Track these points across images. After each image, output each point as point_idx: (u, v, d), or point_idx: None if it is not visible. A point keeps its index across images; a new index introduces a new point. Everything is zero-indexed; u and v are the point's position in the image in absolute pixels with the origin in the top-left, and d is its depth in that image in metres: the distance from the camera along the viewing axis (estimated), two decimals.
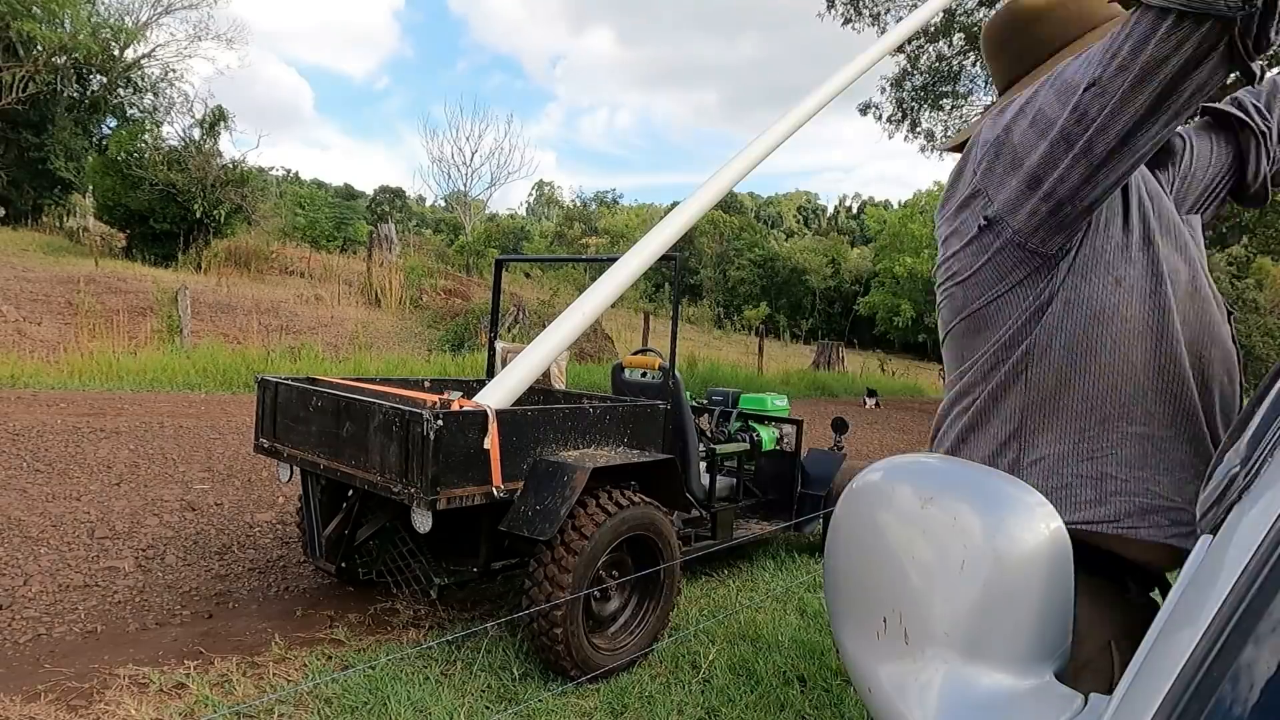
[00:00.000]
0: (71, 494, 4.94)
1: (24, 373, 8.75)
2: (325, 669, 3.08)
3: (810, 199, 60.76)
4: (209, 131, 18.44)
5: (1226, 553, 0.51)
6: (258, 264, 18.21)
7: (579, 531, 3.04)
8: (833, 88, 3.94)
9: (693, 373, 14.37)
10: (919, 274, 29.43)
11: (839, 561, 0.77)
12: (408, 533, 3.36)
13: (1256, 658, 0.43)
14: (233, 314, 13.35)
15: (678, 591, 3.53)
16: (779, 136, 3.91)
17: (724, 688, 3.15)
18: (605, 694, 3.04)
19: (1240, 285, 29.47)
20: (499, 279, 4.78)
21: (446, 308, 16.50)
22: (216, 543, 4.40)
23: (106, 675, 2.92)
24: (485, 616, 3.69)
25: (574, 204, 45.85)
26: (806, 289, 37.06)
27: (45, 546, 4.08)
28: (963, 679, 0.64)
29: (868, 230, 43.10)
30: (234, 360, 10.34)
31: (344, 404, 3.24)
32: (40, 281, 12.96)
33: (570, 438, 3.33)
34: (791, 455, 5.03)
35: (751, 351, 19.12)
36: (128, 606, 3.54)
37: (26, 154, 20.54)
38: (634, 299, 23.55)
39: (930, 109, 17.79)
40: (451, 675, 3.07)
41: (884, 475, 0.75)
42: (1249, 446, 0.60)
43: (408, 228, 39.08)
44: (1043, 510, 0.67)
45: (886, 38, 4.14)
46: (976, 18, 16.07)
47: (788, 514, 4.95)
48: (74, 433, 6.32)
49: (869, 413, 13.86)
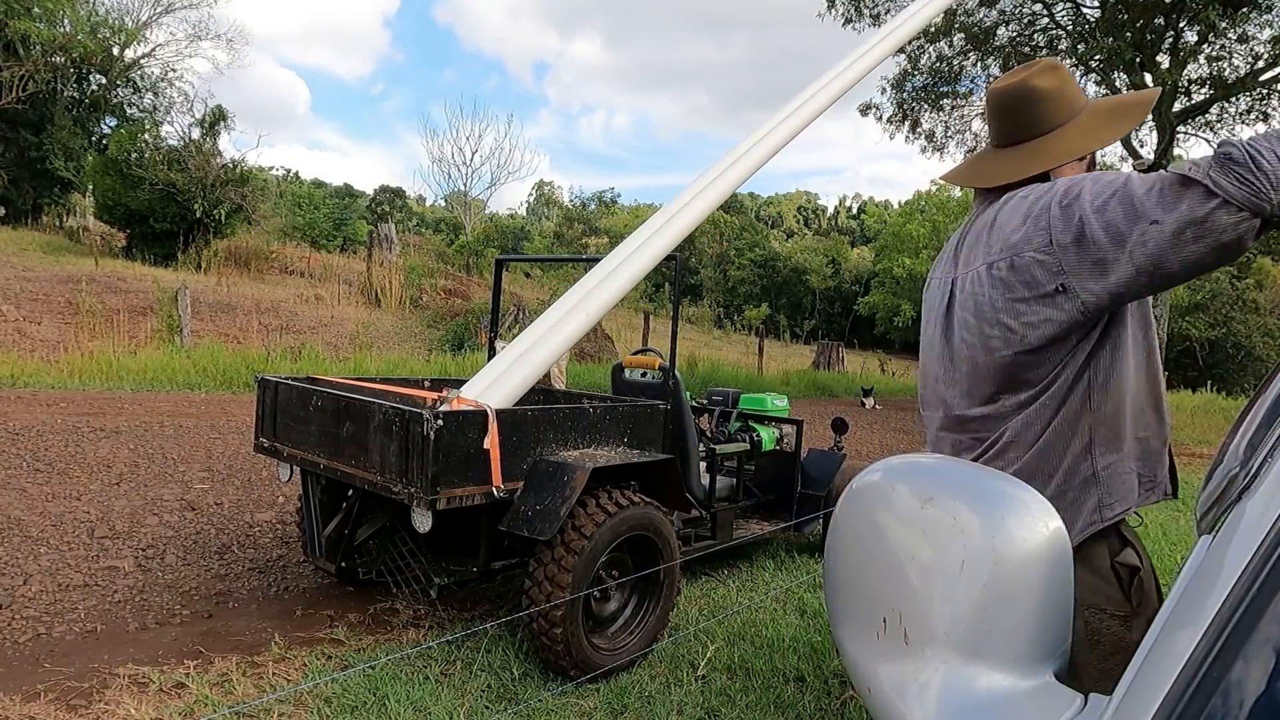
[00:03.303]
0: (71, 493, 4.94)
1: (24, 372, 8.75)
2: (325, 669, 3.08)
3: (810, 199, 60.77)
4: (209, 131, 18.43)
5: (1226, 553, 0.51)
6: (258, 264, 18.21)
7: (579, 531, 3.04)
8: (839, 86, 3.95)
9: (693, 373, 14.37)
10: (918, 275, 29.41)
11: (839, 562, 0.77)
12: (408, 532, 3.36)
13: (1256, 657, 0.43)
14: (233, 314, 13.35)
15: (677, 591, 3.53)
16: (783, 138, 3.91)
17: (724, 688, 3.15)
18: (605, 694, 3.04)
19: (1240, 285, 29.47)
20: (499, 279, 4.78)
21: (446, 308, 16.50)
22: (216, 542, 4.41)
23: (106, 675, 2.92)
24: (485, 616, 3.69)
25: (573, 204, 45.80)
26: (806, 289, 37.05)
27: (45, 546, 4.08)
28: (962, 679, 0.64)
29: (868, 230, 43.10)
30: (234, 360, 10.34)
31: (344, 404, 3.24)
32: (40, 281, 12.96)
33: (570, 438, 3.33)
34: (791, 455, 5.03)
35: (751, 351, 19.12)
36: (127, 606, 3.54)
37: (26, 153, 20.53)
38: (634, 299, 23.54)
39: (931, 109, 17.79)
40: (451, 675, 3.07)
41: (884, 476, 0.75)
42: (1247, 449, 0.60)
43: (408, 227, 39.09)
44: (1042, 510, 0.67)
45: (890, 37, 4.14)
46: (977, 17, 16.07)
47: (788, 514, 4.95)
48: (74, 432, 6.32)
49: (869, 413, 13.86)
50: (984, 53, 16.49)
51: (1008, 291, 1.37)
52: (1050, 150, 1.51)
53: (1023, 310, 1.36)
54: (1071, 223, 1.29)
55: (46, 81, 19.93)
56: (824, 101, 4.05)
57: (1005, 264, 1.38)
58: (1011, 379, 1.41)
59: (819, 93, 4.06)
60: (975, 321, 1.43)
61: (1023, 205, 1.39)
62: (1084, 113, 1.54)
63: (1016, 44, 16.40)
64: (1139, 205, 1.22)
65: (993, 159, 1.59)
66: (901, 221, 32.09)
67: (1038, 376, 1.39)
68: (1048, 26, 16.41)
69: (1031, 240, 1.35)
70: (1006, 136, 1.57)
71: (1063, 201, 1.32)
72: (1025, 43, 16.53)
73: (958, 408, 1.49)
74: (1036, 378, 1.39)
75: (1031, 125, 1.53)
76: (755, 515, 5.02)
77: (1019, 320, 1.36)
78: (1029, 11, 16.36)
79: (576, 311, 3.48)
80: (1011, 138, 1.56)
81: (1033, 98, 1.53)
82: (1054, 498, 1.38)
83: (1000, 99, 1.57)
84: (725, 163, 3.93)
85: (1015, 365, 1.39)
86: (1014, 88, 1.54)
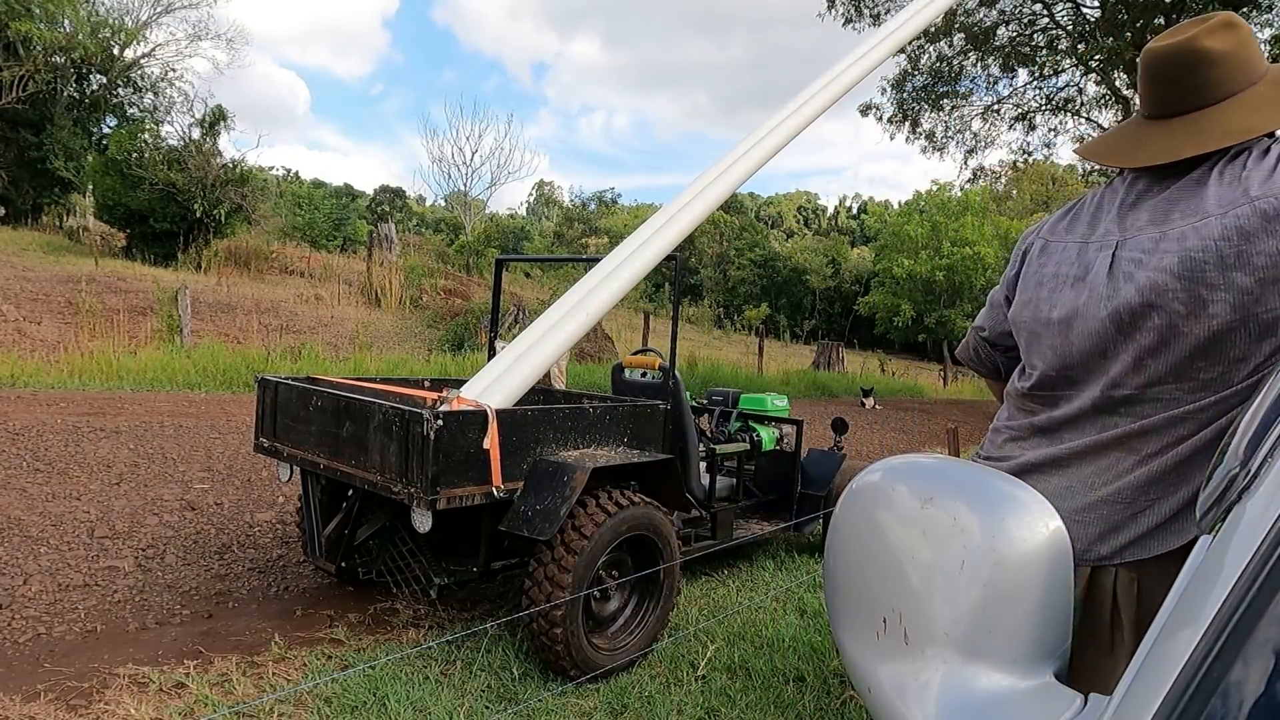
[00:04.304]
0: (71, 493, 4.94)
1: (24, 372, 8.75)
2: (325, 669, 3.08)
3: (810, 199, 60.74)
4: (209, 131, 18.41)
5: (1226, 553, 0.51)
6: (258, 264, 18.20)
7: (579, 531, 3.04)
8: (839, 88, 3.95)
9: (693, 373, 14.37)
10: (918, 275, 29.41)
11: (839, 562, 0.77)
12: (407, 532, 3.36)
13: (1256, 658, 0.43)
14: (233, 314, 13.34)
15: (677, 591, 3.53)
16: (783, 139, 3.91)
17: (724, 688, 3.15)
18: (605, 694, 3.04)
19: None
20: (499, 279, 4.78)
21: (446, 307, 16.49)
22: (216, 542, 4.40)
23: (106, 675, 2.92)
24: (485, 616, 3.69)
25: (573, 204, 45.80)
26: (806, 289, 37.04)
27: (45, 546, 4.08)
28: (962, 679, 0.64)
29: (868, 230, 43.09)
30: (234, 360, 10.33)
31: (344, 403, 3.24)
32: (40, 281, 12.96)
33: (570, 438, 3.33)
34: (791, 455, 5.03)
35: (751, 351, 19.12)
36: (127, 606, 3.54)
37: (26, 153, 20.52)
38: (634, 299, 23.54)
39: (931, 109, 17.80)
40: (451, 675, 3.07)
41: (883, 476, 0.75)
42: (1248, 448, 0.60)
43: (408, 227, 39.09)
44: (1041, 510, 0.67)
45: (889, 38, 4.14)
46: (977, 17, 16.07)
47: (788, 514, 4.95)
48: (74, 432, 6.32)
49: (868, 413, 13.86)
50: (984, 53, 16.50)
51: (1246, 243, 1.14)
52: (1216, 127, 1.24)
53: (1260, 260, 1.12)
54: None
55: (47, 82, 19.93)
56: (823, 103, 4.06)
57: (1251, 212, 1.14)
58: (1218, 354, 1.17)
59: (818, 94, 4.06)
60: (1181, 284, 1.19)
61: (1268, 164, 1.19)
62: (1263, 81, 1.28)
63: (1016, 44, 16.41)
64: None
65: (1142, 131, 1.34)
66: (901, 222, 32.08)
67: (1252, 353, 1.15)
68: (1048, 26, 16.42)
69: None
70: (1161, 105, 1.32)
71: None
72: (1025, 42, 16.54)
73: (1125, 385, 1.25)
74: (1251, 355, 1.16)
75: (1192, 95, 1.27)
76: (755, 515, 5.02)
77: (1255, 276, 1.13)
78: (1029, 11, 16.37)
79: (576, 311, 3.48)
80: (1167, 107, 1.31)
81: (1199, 62, 1.26)
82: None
83: (1156, 63, 1.30)
84: (725, 163, 3.93)
85: (1230, 337, 1.16)
86: (1176, 49, 1.28)
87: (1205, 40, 1.25)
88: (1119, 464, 1.26)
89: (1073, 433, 1.31)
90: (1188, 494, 1.21)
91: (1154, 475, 1.23)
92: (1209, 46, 1.25)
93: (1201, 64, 1.26)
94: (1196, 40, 1.25)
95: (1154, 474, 1.23)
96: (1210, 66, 1.25)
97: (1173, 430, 1.21)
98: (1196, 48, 1.25)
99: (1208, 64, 1.25)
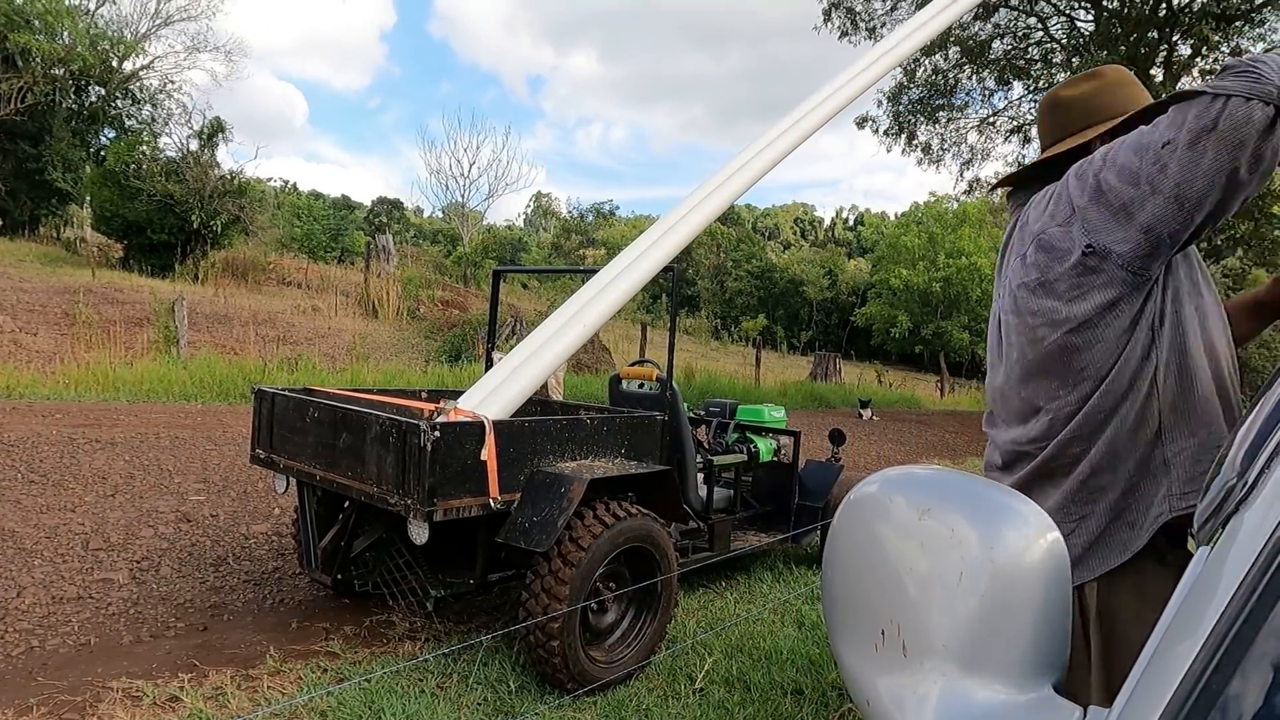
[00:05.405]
0: (66, 505, 4.92)
1: (20, 383, 8.72)
2: (320, 682, 3.06)
3: (807, 210, 60.93)
4: (206, 143, 18.44)
5: (1224, 565, 0.51)
6: (255, 275, 18.19)
7: (576, 543, 3.03)
8: (835, 104, 3.97)
9: (690, 384, 14.36)
10: (915, 286, 29.48)
11: (837, 573, 0.77)
12: (404, 544, 3.35)
13: (1254, 671, 0.43)
14: (229, 325, 13.33)
15: (675, 603, 3.52)
16: (780, 153, 3.93)
17: (721, 700, 3.13)
18: (602, 707, 3.02)
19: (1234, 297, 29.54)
20: (496, 290, 4.78)
21: (444, 319, 16.49)
22: (212, 554, 4.38)
23: (100, 688, 2.89)
24: (481, 629, 3.68)
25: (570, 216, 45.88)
26: (804, 300, 37.12)
27: (39, 558, 4.06)
28: (961, 691, 0.64)
29: (865, 241, 43.22)
30: (231, 371, 10.31)
31: (340, 415, 3.24)
32: (37, 292, 12.94)
33: (568, 449, 3.32)
34: (789, 466, 5.02)
35: (749, 362, 19.12)
36: (122, 619, 3.52)
37: (24, 165, 20.53)
38: (631, 310, 23.57)
39: (927, 122, 17.88)
40: (447, 688, 3.05)
41: (881, 487, 0.75)
42: (1244, 459, 0.60)
43: (405, 239, 39.09)
44: (1040, 522, 0.67)
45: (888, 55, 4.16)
46: (972, 31, 16.18)
47: (785, 525, 4.94)
48: (69, 443, 6.29)
49: (866, 424, 13.86)
50: (979, 66, 16.60)
51: (1042, 273, 1.36)
52: (1055, 153, 1.53)
53: (1060, 286, 1.33)
54: (1086, 183, 1.30)
55: (45, 93, 19.95)
56: (820, 119, 4.07)
57: (1033, 248, 1.38)
58: (1066, 368, 1.36)
59: (815, 109, 4.07)
60: (1017, 319, 1.42)
61: (1043, 199, 1.42)
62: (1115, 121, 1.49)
63: (1011, 57, 16.52)
64: (1145, 139, 1.21)
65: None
66: (898, 233, 32.20)
67: (1094, 362, 1.34)
68: (1043, 40, 16.54)
69: (1055, 216, 1.36)
70: (1046, 140, 1.61)
71: (1077, 172, 1.34)
72: (1020, 56, 16.65)
73: (1019, 414, 1.45)
74: (1093, 364, 1.34)
75: (1058, 128, 1.56)
76: (753, 527, 5.01)
77: (1059, 299, 1.33)
78: (1024, 25, 16.49)
79: (574, 323, 3.48)
80: (1049, 140, 1.59)
81: (1058, 104, 1.57)
82: (1127, 491, 1.35)
83: (1040, 110, 1.63)
84: (722, 175, 3.94)
85: (1067, 350, 1.34)
86: (1045, 97, 1.61)
87: (1061, 89, 1.58)
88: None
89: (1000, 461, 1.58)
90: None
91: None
92: (1061, 94, 1.57)
93: (1062, 106, 1.56)
94: (1055, 89, 1.60)
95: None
96: (1065, 108, 1.55)
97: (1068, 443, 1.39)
98: (1054, 94, 1.59)
99: (1062, 107, 1.56)
